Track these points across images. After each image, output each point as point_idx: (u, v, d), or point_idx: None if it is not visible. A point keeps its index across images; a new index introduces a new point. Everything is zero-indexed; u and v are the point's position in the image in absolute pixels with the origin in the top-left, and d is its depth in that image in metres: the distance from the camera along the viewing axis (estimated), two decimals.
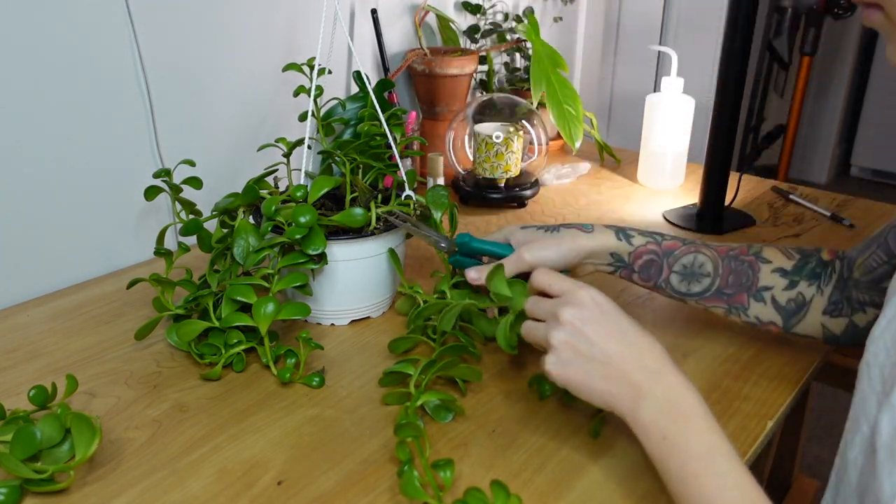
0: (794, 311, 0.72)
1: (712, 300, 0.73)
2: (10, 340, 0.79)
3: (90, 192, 0.91)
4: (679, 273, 0.73)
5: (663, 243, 0.73)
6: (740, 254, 0.73)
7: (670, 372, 0.55)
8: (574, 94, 1.26)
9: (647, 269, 0.73)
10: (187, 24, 0.96)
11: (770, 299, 0.72)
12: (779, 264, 0.73)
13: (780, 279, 0.72)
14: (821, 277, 0.72)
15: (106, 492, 0.58)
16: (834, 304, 0.71)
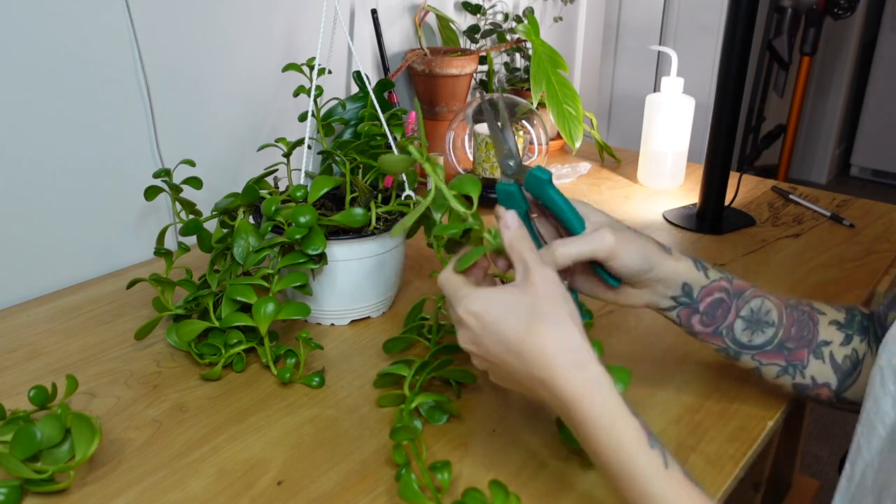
0: (849, 370, 0.64)
1: (772, 355, 0.64)
2: (10, 340, 0.79)
3: (90, 193, 0.91)
4: (745, 319, 0.63)
5: (734, 282, 0.63)
6: (798, 303, 0.65)
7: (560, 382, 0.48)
8: (574, 94, 1.26)
9: (714, 311, 0.62)
10: (187, 25, 0.96)
11: (829, 356, 0.64)
12: (833, 316, 0.65)
13: (836, 333, 0.64)
14: (869, 332, 0.65)
15: (106, 492, 0.58)
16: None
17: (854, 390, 0.64)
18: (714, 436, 0.65)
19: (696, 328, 0.64)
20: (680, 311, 0.63)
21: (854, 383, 0.64)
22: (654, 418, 0.67)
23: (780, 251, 1.02)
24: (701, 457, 0.63)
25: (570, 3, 1.70)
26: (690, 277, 0.61)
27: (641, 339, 0.80)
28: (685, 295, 0.62)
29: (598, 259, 0.58)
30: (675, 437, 0.65)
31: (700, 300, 0.62)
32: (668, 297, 0.62)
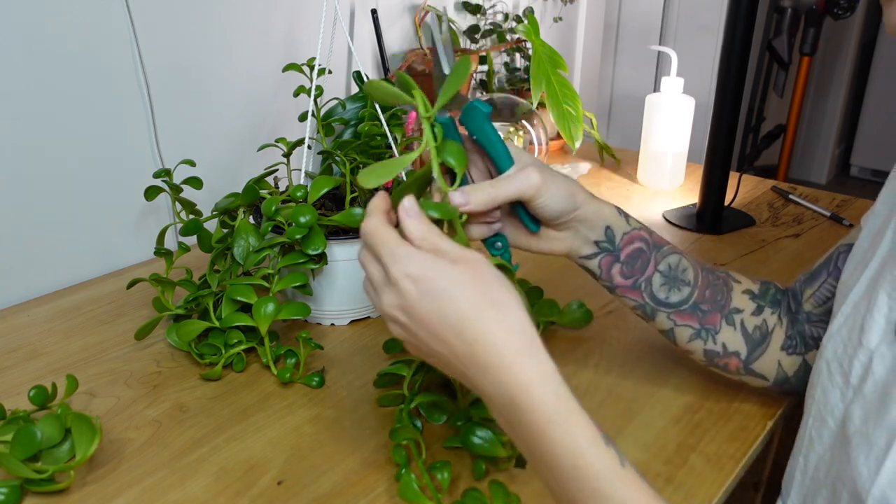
0: (759, 341, 0.65)
1: (686, 316, 0.64)
2: (10, 340, 0.79)
3: (90, 192, 0.91)
4: (663, 274, 0.63)
5: (653, 234, 0.64)
6: (713, 268, 0.66)
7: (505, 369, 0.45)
8: (574, 94, 1.26)
9: (634, 261, 0.62)
10: (187, 25, 0.96)
11: (740, 324, 0.65)
12: (746, 286, 0.66)
13: (749, 302, 0.65)
14: (781, 305, 0.66)
15: (106, 492, 0.58)
16: (790, 338, 0.66)
17: (761, 362, 0.65)
18: (714, 436, 0.65)
19: (616, 280, 0.63)
20: (602, 258, 0.62)
21: (762, 355, 0.65)
22: (654, 418, 0.67)
23: (780, 251, 1.02)
24: (701, 457, 0.63)
25: (570, 3, 1.70)
26: (613, 221, 0.61)
27: (641, 339, 0.80)
28: (607, 240, 0.61)
29: (525, 198, 0.56)
30: (675, 437, 0.65)
31: (622, 248, 0.62)
32: (591, 241, 0.61)
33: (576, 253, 0.62)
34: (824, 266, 0.64)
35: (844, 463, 0.48)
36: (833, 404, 0.52)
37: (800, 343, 0.65)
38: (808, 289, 0.65)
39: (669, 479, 0.60)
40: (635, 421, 0.67)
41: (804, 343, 0.65)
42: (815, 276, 0.65)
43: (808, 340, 0.65)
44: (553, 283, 0.91)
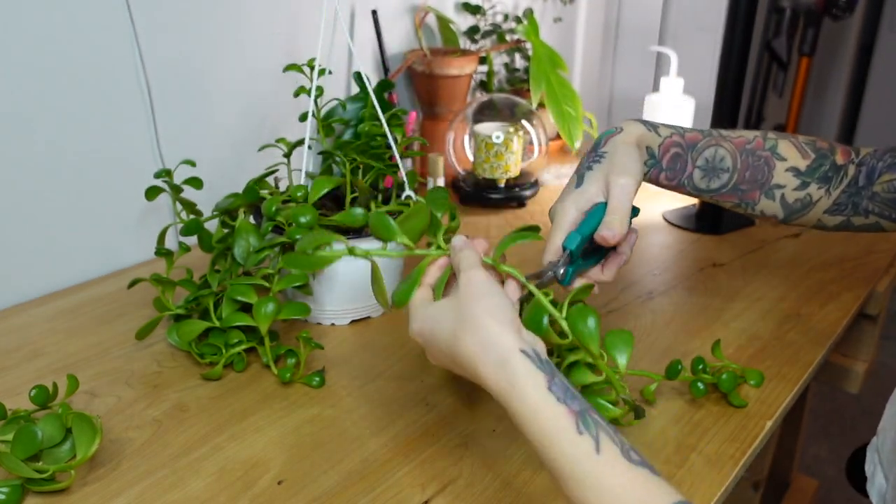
0: (798, 209, 0.72)
1: (727, 196, 0.72)
2: (11, 340, 0.79)
3: (91, 193, 0.91)
4: (702, 168, 0.70)
5: (686, 135, 0.70)
6: (756, 148, 0.71)
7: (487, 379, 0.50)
8: (573, 95, 1.26)
9: (674, 165, 0.70)
10: (188, 25, 0.96)
11: (780, 197, 0.71)
12: (793, 163, 0.71)
13: (792, 178, 0.71)
14: (831, 181, 0.71)
15: (107, 491, 0.58)
16: (837, 205, 0.71)
17: (801, 221, 0.72)
18: (714, 435, 0.65)
19: (662, 183, 0.71)
20: (650, 173, 0.70)
21: (801, 217, 0.72)
22: (654, 417, 0.68)
23: (780, 251, 1.02)
24: (701, 456, 0.63)
25: (569, 4, 1.70)
26: (648, 140, 0.68)
27: (641, 339, 0.80)
28: (650, 157, 0.69)
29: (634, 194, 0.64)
30: (675, 436, 0.65)
31: (661, 158, 0.69)
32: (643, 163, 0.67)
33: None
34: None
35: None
36: None
37: (849, 208, 0.71)
38: (888, 173, 0.68)
39: (669, 478, 0.60)
40: (635, 420, 0.67)
41: (854, 209, 0.70)
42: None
43: (861, 210, 0.70)
44: None
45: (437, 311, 0.54)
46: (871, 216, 0.70)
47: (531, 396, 0.47)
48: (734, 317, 0.85)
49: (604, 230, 0.61)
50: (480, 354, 0.49)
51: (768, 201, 0.71)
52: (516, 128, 1.16)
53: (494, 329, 0.49)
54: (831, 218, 0.72)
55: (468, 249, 0.56)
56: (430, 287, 0.59)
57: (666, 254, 1.03)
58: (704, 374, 0.69)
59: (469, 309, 0.50)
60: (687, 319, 0.85)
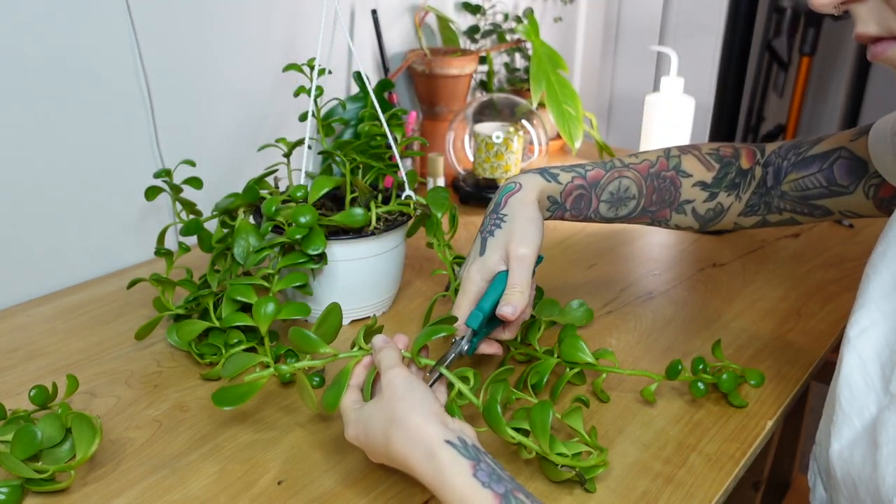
0: (711, 217, 0.75)
1: (637, 219, 0.74)
2: (10, 340, 0.79)
3: (90, 192, 0.91)
4: (607, 202, 0.72)
5: (588, 175, 0.72)
6: (661, 169, 0.73)
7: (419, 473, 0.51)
8: (574, 95, 1.26)
9: (578, 204, 0.72)
10: (188, 25, 0.96)
11: (691, 211, 0.74)
12: (699, 177, 0.73)
13: (700, 192, 0.73)
14: (739, 187, 0.73)
15: (106, 491, 0.58)
16: (750, 206, 0.73)
17: (716, 226, 0.76)
18: (714, 435, 0.65)
19: (567, 219, 0.73)
20: (554, 213, 0.72)
21: (717, 223, 0.75)
22: (654, 417, 0.67)
23: (780, 251, 1.02)
24: (701, 456, 0.63)
25: (569, 3, 1.70)
26: (548, 191, 0.69)
27: (641, 339, 0.80)
28: (552, 204, 0.71)
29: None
30: (675, 436, 0.65)
31: (564, 201, 0.71)
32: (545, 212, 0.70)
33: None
34: (819, 160, 0.69)
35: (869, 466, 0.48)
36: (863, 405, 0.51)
37: (762, 208, 0.72)
38: (794, 173, 0.70)
39: (669, 478, 0.60)
40: (635, 420, 0.67)
41: (767, 208, 0.72)
42: (806, 165, 0.70)
43: (773, 208, 0.73)
44: (554, 282, 0.91)
45: (367, 414, 0.55)
46: (785, 212, 0.73)
47: (458, 484, 0.48)
48: (734, 317, 0.85)
49: (504, 307, 0.63)
50: (410, 449, 0.51)
51: (680, 216, 0.74)
52: (516, 128, 1.16)
53: (419, 423, 0.51)
54: (746, 219, 0.75)
55: (388, 349, 0.59)
56: (358, 389, 0.60)
57: (666, 254, 1.03)
58: (704, 374, 0.69)
59: (394, 408, 0.53)
60: (687, 319, 0.85)
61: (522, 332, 0.75)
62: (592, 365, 0.69)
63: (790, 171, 0.71)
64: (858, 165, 0.68)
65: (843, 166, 0.68)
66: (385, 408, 0.54)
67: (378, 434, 0.53)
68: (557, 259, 0.99)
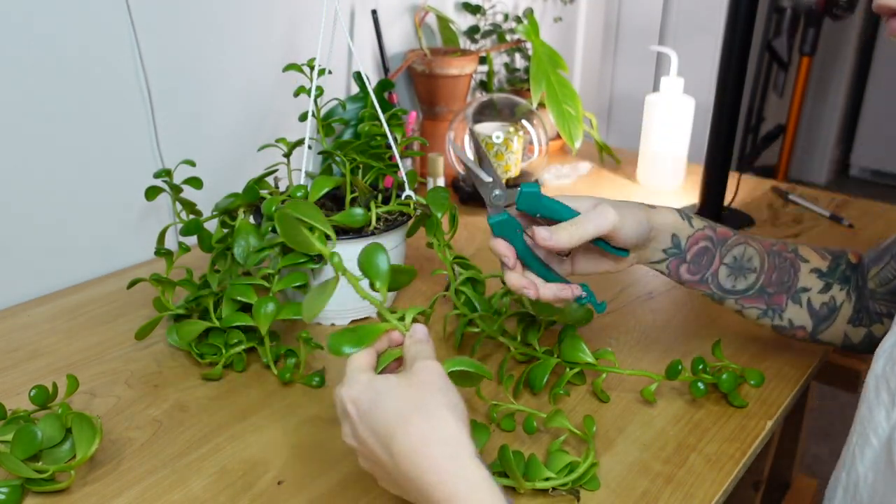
0: (825, 316, 0.69)
1: (753, 299, 0.68)
2: (10, 340, 0.79)
3: (91, 192, 0.91)
4: (728, 266, 0.67)
5: (718, 230, 0.67)
6: (781, 250, 0.69)
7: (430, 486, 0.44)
8: (574, 95, 1.26)
9: (699, 259, 0.66)
10: (188, 25, 0.96)
11: (806, 302, 0.68)
12: (815, 264, 0.69)
13: (817, 280, 0.68)
14: (850, 282, 0.69)
15: (107, 491, 0.58)
16: (857, 312, 0.69)
17: (829, 333, 0.70)
18: (714, 435, 0.65)
19: (683, 277, 0.67)
20: (670, 262, 0.66)
21: (829, 328, 0.69)
22: (654, 417, 0.68)
23: None
24: (701, 456, 0.63)
25: (569, 3, 1.70)
26: (678, 228, 0.65)
27: (641, 339, 0.80)
28: (674, 246, 0.65)
29: (603, 234, 0.60)
30: (675, 436, 0.65)
31: (687, 249, 0.65)
32: (660, 250, 0.65)
33: (645, 261, 0.66)
34: (888, 250, 0.66)
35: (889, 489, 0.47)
36: (877, 422, 0.51)
37: (866, 317, 0.68)
38: (873, 267, 0.68)
39: (669, 478, 0.60)
40: (635, 420, 0.67)
41: (869, 317, 0.68)
42: (881, 256, 0.67)
43: (874, 315, 0.68)
44: None
45: (384, 386, 0.48)
46: (886, 320, 0.68)
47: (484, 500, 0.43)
48: (734, 317, 0.85)
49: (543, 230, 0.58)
50: (432, 443, 0.45)
51: (795, 307, 0.68)
52: (516, 128, 1.16)
53: (452, 424, 0.45)
54: (855, 331, 0.69)
55: (429, 343, 0.52)
56: (376, 356, 0.53)
57: None
58: (704, 374, 0.69)
59: (426, 396, 0.47)
60: (687, 319, 0.85)
61: (522, 331, 0.75)
62: (592, 365, 0.69)
63: (870, 266, 0.68)
64: None
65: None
66: (414, 390, 0.47)
67: (390, 412, 0.46)
68: None
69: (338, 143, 0.88)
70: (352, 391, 0.49)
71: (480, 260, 0.95)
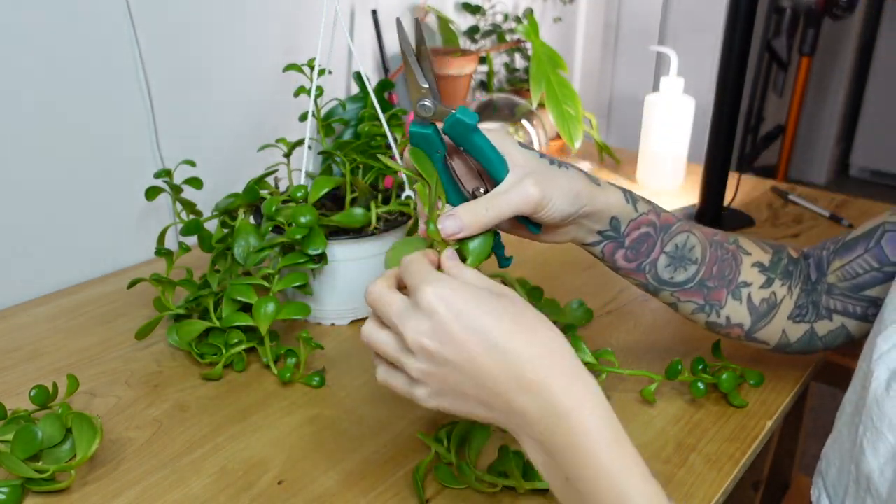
0: (764, 313, 0.64)
1: (691, 293, 0.63)
2: (11, 340, 0.79)
3: (91, 192, 0.91)
4: (669, 255, 0.61)
5: (662, 215, 0.61)
6: (723, 240, 0.64)
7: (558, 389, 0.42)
8: (573, 95, 1.26)
9: (639, 246, 0.60)
10: (188, 25, 0.96)
11: (746, 298, 0.64)
12: (757, 258, 0.64)
13: (759, 275, 0.64)
14: (792, 277, 0.65)
15: (107, 491, 0.58)
16: (799, 308, 0.65)
17: (766, 332, 0.65)
18: (714, 435, 0.65)
19: (619, 263, 0.61)
20: (605, 245, 0.60)
21: (767, 325, 0.65)
22: (654, 417, 0.68)
23: None
24: (700, 456, 0.63)
25: (569, 3, 1.70)
26: (619, 211, 0.58)
27: (641, 338, 0.80)
28: (612, 229, 0.59)
29: (524, 213, 0.53)
30: (674, 436, 0.65)
31: (627, 234, 0.59)
32: (595, 231, 0.59)
33: (579, 241, 0.60)
34: (863, 240, 0.62)
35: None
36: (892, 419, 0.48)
37: (811, 312, 0.64)
38: (837, 260, 0.63)
39: (669, 478, 0.60)
40: (635, 420, 0.67)
41: (816, 312, 0.64)
42: (849, 249, 0.63)
43: (822, 310, 0.64)
44: (553, 282, 0.91)
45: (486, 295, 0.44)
46: (836, 316, 0.64)
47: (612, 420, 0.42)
48: None
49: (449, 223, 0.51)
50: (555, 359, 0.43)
51: (735, 303, 0.63)
52: (516, 128, 1.16)
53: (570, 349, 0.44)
54: (794, 327, 0.65)
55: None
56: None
57: None
58: (704, 374, 0.69)
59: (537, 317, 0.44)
60: (686, 320, 0.84)
61: None
62: (592, 365, 0.69)
63: (833, 259, 0.64)
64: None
65: (893, 239, 0.60)
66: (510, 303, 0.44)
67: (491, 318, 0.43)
68: (557, 258, 0.99)
69: (338, 143, 0.88)
70: (441, 289, 0.44)
71: None
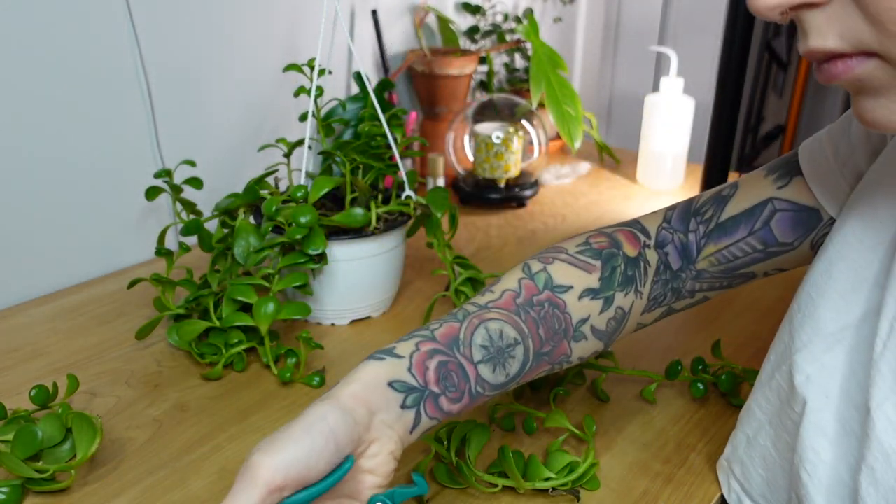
0: (614, 329, 0.57)
1: (535, 370, 0.53)
2: (11, 340, 0.79)
3: (91, 192, 0.91)
4: (485, 362, 0.50)
5: (437, 334, 0.50)
6: (530, 295, 0.54)
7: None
8: (573, 95, 1.26)
9: (449, 379, 0.49)
10: (188, 25, 0.96)
11: (589, 331, 0.55)
12: (582, 285, 0.55)
13: (592, 303, 0.55)
14: (636, 280, 0.57)
15: (107, 491, 0.58)
16: (654, 299, 0.58)
17: (621, 336, 0.59)
18: (714, 435, 0.65)
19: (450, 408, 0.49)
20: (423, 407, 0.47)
21: (621, 333, 0.59)
22: (654, 417, 0.68)
23: None
24: (701, 456, 0.63)
25: (569, 3, 1.70)
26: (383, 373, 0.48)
27: (641, 338, 0.80)
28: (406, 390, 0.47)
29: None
30: (675, 436, 0.65)
31: (424, 383, 0.48)
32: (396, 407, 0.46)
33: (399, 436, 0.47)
34: (745, 220, 0.56)
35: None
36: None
37: (669, 297, 0.59)
38: (711, 245, 0.57)
39: (669, 478, 0.60)
40: (635, 420, 0.67)
41: (676, 296, 0.59)
42: (726, 231, 0.56)
43: (684, 293, 0.59)
44: None
45: None
46: (699, 293, 0.60)
47: None
48: (734, 317, 0.85)
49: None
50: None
51: (581, 344, 0.55)
52: (516, 128, 1.16)
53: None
54: (650, 315, 0.59)
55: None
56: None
57: None
58: (704, 374, 0.69)
59: None
60: (687, 319, 0.85)
61: None
62: (592, 365, 0.69)
63: (705, 243, 0.57)
64: (807, 216, 0.55)
65: (785, 221, 0.55)
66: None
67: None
68: None
69: (338, 143, 0.88)
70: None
71: (480, 260, 0.95)
